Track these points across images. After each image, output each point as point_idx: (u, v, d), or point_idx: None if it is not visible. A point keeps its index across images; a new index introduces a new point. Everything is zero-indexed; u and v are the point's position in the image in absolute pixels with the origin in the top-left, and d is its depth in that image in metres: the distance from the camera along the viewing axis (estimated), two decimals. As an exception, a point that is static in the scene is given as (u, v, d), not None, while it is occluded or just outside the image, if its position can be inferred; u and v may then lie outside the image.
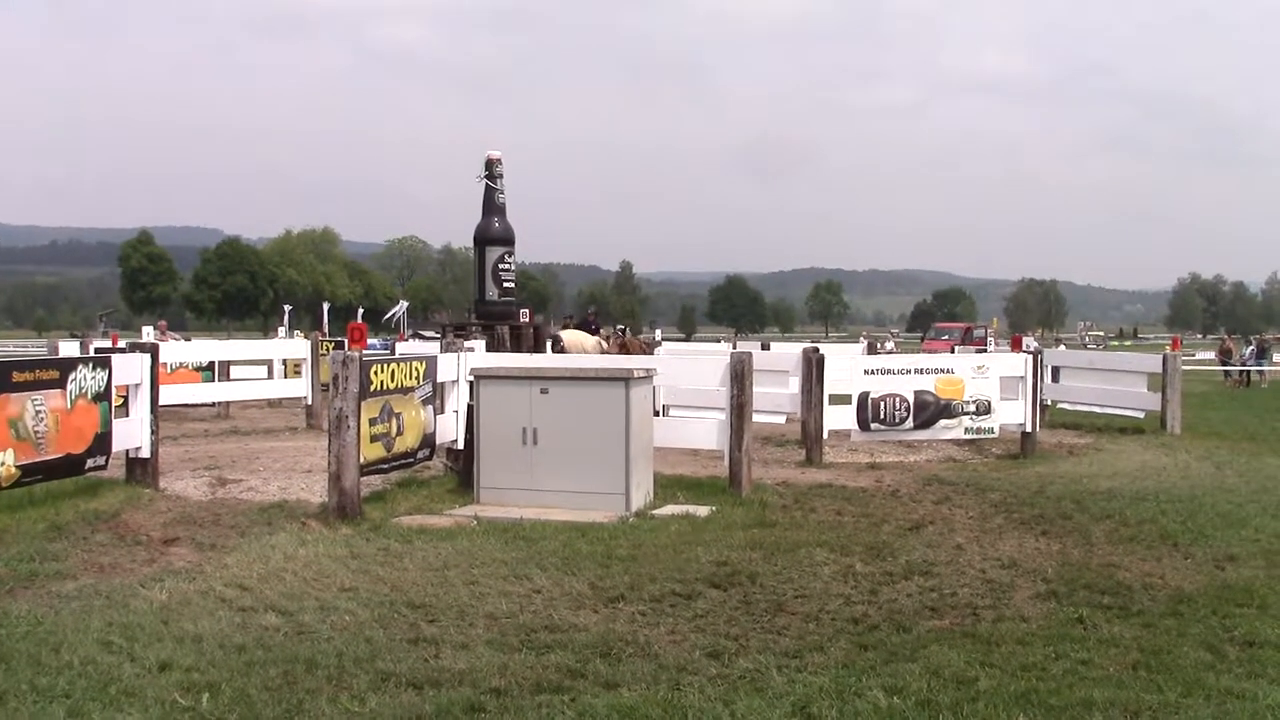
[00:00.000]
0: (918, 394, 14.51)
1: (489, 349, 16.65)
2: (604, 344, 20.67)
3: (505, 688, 5.39)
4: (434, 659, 5.85)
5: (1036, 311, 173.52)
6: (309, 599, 7.02)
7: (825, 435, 14.35)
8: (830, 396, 14.48)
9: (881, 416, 14.46)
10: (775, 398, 15.55)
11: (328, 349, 19.14)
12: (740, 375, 11.25)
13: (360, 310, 54.50)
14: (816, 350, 15.18)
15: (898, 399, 14.48)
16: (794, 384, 15.24)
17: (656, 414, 12.73)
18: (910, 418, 14.49)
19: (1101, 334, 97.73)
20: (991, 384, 14.76)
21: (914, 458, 14.83)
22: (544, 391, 10.43)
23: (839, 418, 14.55)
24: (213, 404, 20.90)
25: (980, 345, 45.69)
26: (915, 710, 5.15)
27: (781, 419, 16.66)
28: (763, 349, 22.61)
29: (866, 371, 14.79)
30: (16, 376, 9.20)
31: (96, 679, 5.47)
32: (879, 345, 31.80)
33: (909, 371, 14.83)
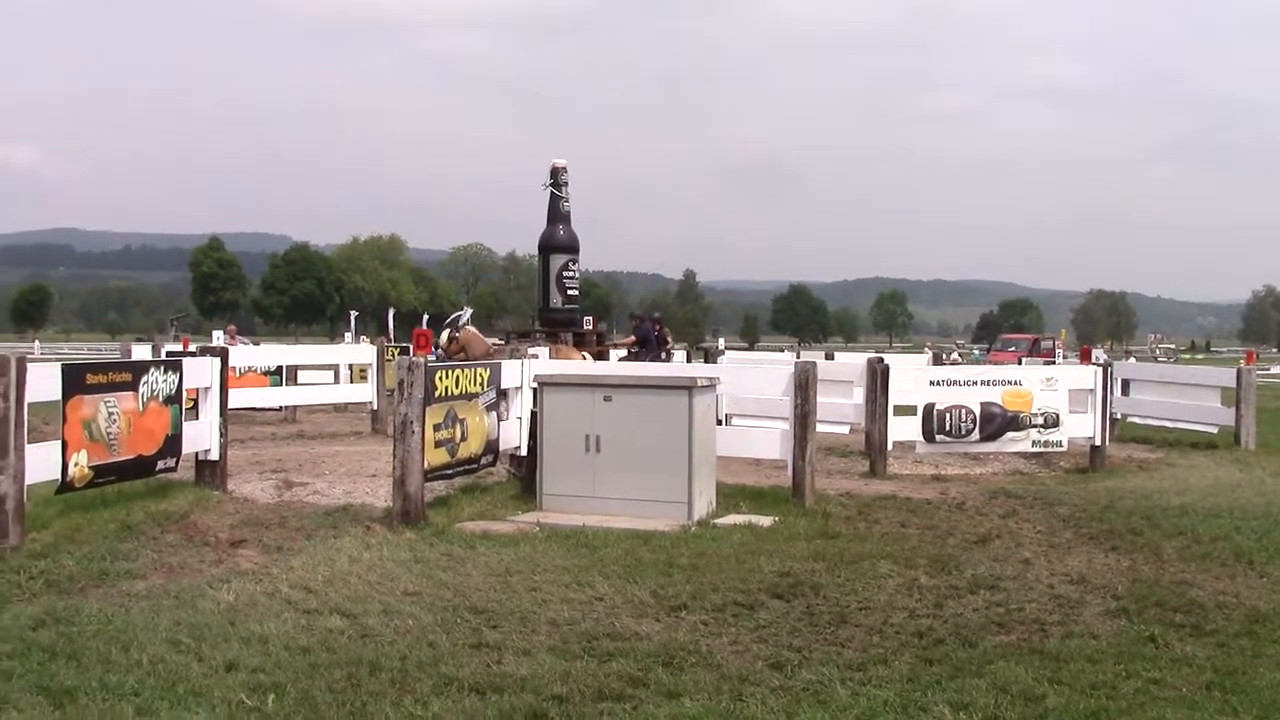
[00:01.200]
0: (985, 406, 14.33)
1: (553, 356, 16.68)
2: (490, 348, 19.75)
3: (567, 695, 5.39)
4: (496, 664, 5.86)
5: (1105, 323, 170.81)
6: (373, 602, 7.07)
7: (889, 446, 14.22)
8: (895, 407, 14.35)
9: (947, 428, 14.30)
10: (839, 408, 15.44)
11: (393, 354, 19.31)
12: (804, 385, 11.18)
13: (425, 316, 54.88)
14: (881, 360, 15.06)
15: (964, 410, 14.31)
16: (858, 394, 15.12)
17: (719, 423, 12.69)
18: (976, 430, 14.31)
19: (1172, 346, 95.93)
20: (1060, 396, 14.54)
21: (980, 470, 14.65)
22: (607, 399, 10.44)
23: (904, 429, 14.41)
24: (280, 408, 21.17)
25: (1048, 357, 45.05)
26: (982, 726, 5.07)
27: (845, 429, 16.54)
28: (826, 359, 22.48)
29: (932, 382, 14.62)
30: (90, 379, 9.37)
31: (165, 678, 5.54)
32: (945, 356, 31.47)
33: (976, 383, 14.66)
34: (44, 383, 8.91)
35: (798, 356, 21.83)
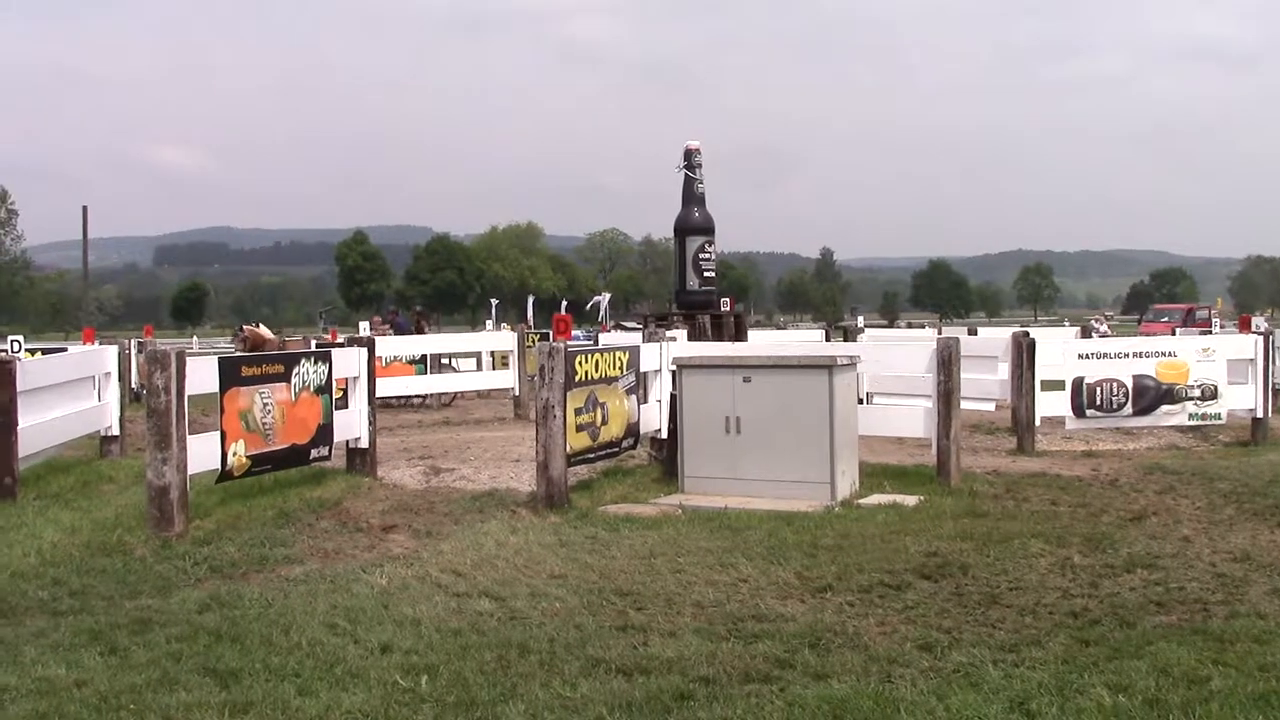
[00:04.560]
0: (1137, 379, 13.88)
1: (691, 338, 16.71)
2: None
3: (714, 676, 5.38)
4: (643, 646, 5.89)
5: (1266, 290, 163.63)
6: (520, 585, 7.17)
7: (1037, 422, 13.88)
8: (1042, 382, 14.00)
9: (1098, 402, 13.89)
10: (983, 384, 15.11)
11: (533, 341, 19.57)
12: (947, 361, 10.97)
13: (564, 302, 55.45)
14: (1027, 334, 14.70)
15: (1115, 384, 13.88)
16: (1003, 370, 14.79)
17: (860, 402, 12.53)
18: (1129, 403, 13.87)
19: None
20: (1218, 367, 14.00)
21: (1133, 445, 14.19)
22: (747, 380, 10.40)
23: (1052, 404, 14.05)
24: (424, 396, 21.64)
25: (1204, 327, 43.37)
26: (1142, 709, 4.90)
27: (990, 406, 16.19)
28: (969, 334, 22.03)
29: (1081, 356, 14.22)
30: (245, 371, 9.71)
31: (323, 659, 5.71)
32: (1092, 329, 30.53)
33: (1127, 355, 14.20)
34: (202, 376, 9.27)
35: (939, 333, 21.41)
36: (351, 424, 11.33)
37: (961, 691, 5.13)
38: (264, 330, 20.37)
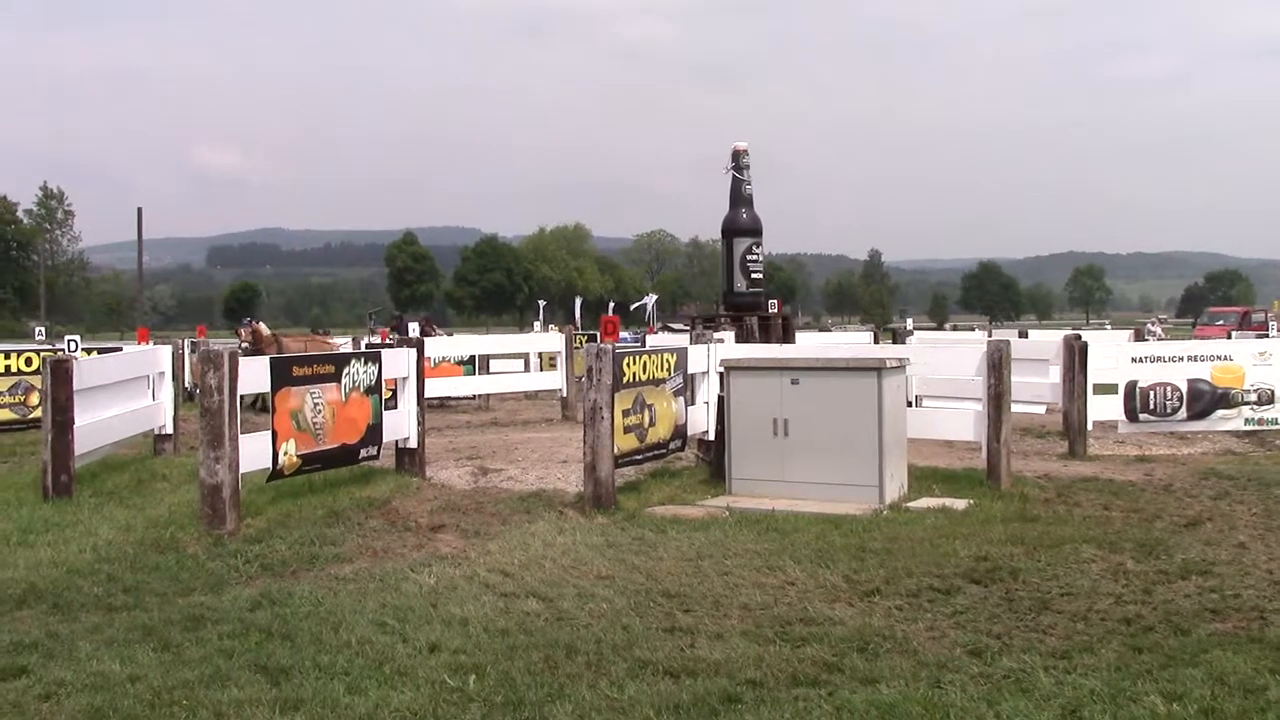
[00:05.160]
0: (1192, 383, 13.69)
1: (738, 340, 16.67)
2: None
3: (761, 679, 5.37)
4: (690, 648, 5.88)
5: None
6: (567, 586, 7.19)
7: (1089, 426, 13.73)
8: (1094, 386, 13.84)
9: (1151, 406, 13.72)
10: (1034, 387, 14.96)
11: (581, 342, 19.60)
12: (998, 364, 10.87)
13: (611, 304, 55.49)
14: (1079, 337, 14.53)
15: (1169, 388, 13.70)
16: (1054, 373, 14.64)
17: (909, 404, 12.45)
18: (1183, 408, 13.69)
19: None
20: (1275, 371, 13.78)
21: (1188, 450, 13.99)
22: (794, 382, 10.36)
23: (1104, 408, 13.90)
24: (473, 396, 21.74)
25: (1260, 330, 42.67)
26: (1197, 718, 4.83)
27: (1041, 409, 16.03)
28: (1020, 337, 21.83)
29: (1134, 359, 14.05)
30: (296, 371, 9.80)
31: (372, 658, 5.75)
32: (1149, 333, 30.13)
33: (1182, 359, 14.00)
34: (254, 376, 9.36)
35: (989, 335, 21.24)
36: (401, 424, 11.40)
37: (1012, 698, 5.08)
38: (263, 328, 21.21)
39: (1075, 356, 13.75)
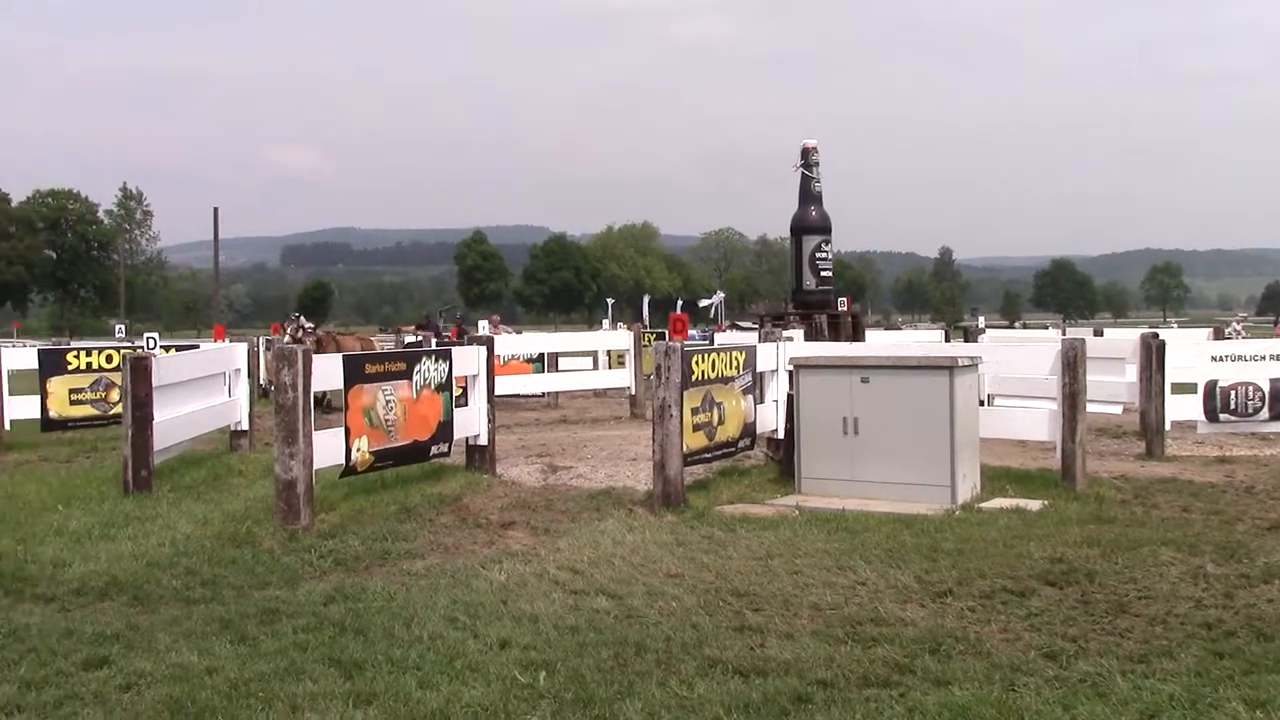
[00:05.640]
0: (1274, 382, 13.38)
1: (807, 338, 16.58)
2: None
3: (832, 680, 5.33)
4: (759, 648, 5.86)
5: None
6: (637, 584, 7.19)
7: (1167, 426, 13.47)
8: (1172, 385, 13.59)
9: (1232, 406, 13.42)
10: (1110, 386, 14.71)
11: (649, 340, 19.61)
12: (1073, 362, 10.70)
13: (680, 302, 55.46)
14: (1156, 336, 14.28)
15: (1251, 387, 13.40)
16: (1130, 372, 14.39)
17: (981, 403, 12.30)
18: (1265, 407, 13.38)
19: None
20: (1361, 370, 13.41)
21: (1270, 451, 13.67)
22: (865, 381, 10.28)
23: (1182, 408, 13.63)
24: (542, 394, 21.84)
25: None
26: (1281, 726, 4.72)
27: (1117, 409, 15.76)
28: (1095, 335, 21.47)
29: (1214, 358, 13.75)
30: (369, 369, 9.91)
31: (444, 653, 5.79)
32: (1235, 332, 29.50)
33: (1264, 358, 13.69)
34: (328, 373, 9.48)
35: (1063, 334, 20.92)
36: (471, 421, 11.49)
37: (1088, 702, 4.99)
38: (303, 322, 22.52)
39: (1152, 355, 13.51)
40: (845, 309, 21.58)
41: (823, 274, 20.26)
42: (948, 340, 23.70)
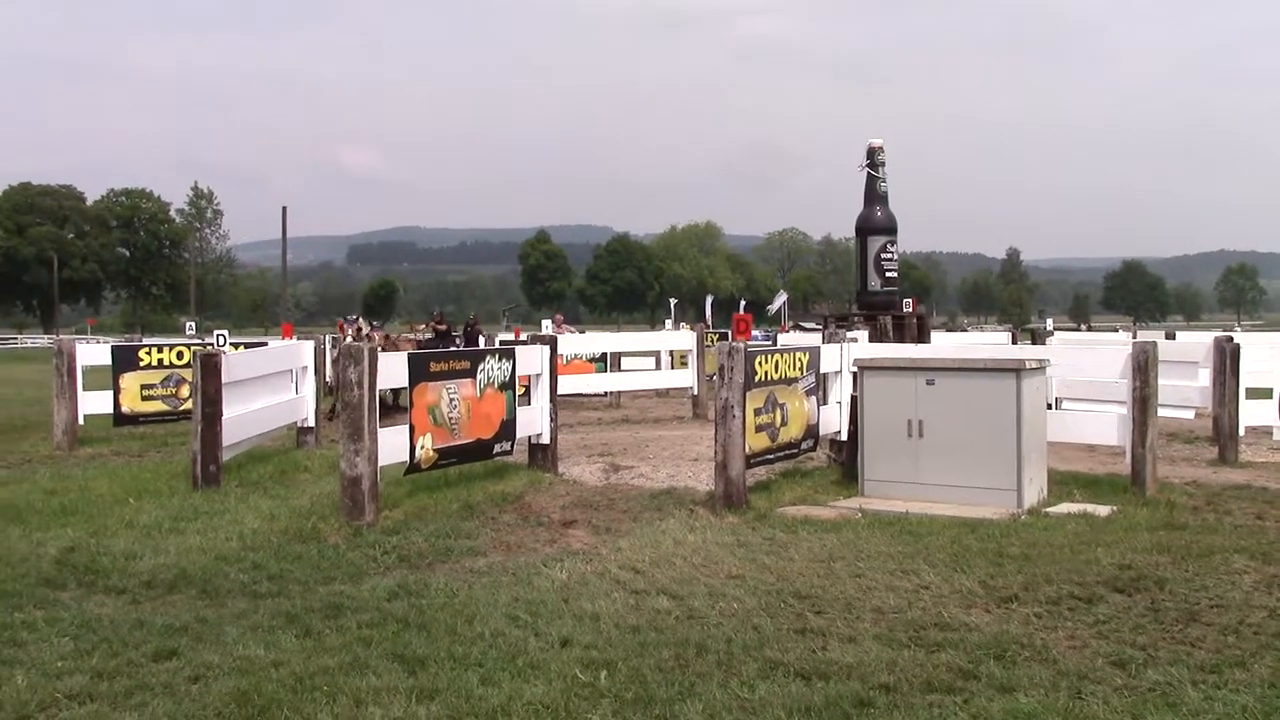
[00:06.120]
0: (1352, 387, 13.06)
1: (872, 340, 16.46)
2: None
3: (894, 684, 5.28)
4: (821, 651, 5.82)
5: None
6: (698, 584, 7.18)
7: (1241, 432, 13.20)
8: (1246, 390, 13.32)
9: (1308, 412, 13.12)
10: (1182, 391, 14.45)
11: (712, 340, 19.57)
12: (1143, 366, 10.52)
13: (743, 302, 55.31)
14: (1230, 339, 13.99)
15: (1328, 393, 13.09)
16: (1203, 376, 14.12)
17: (1049, 407, 12.13)
18: (1343, 414, 13.07)
19: None
20: None
21: (1348, 458, 13.36)
22: (930, 383, 10.18)
23: (1257, 413, 13.38)
24: (604, 393, 21.88)
25: None
26: (1358, 740, 4.61)
27: (1189, 414, 15.47)
28: (1167, 338, 21.10)
29: (1290, 362, 13.47)
30: (433, 367, 9.98)
31: (505, 650, 5.82)
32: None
33: (1342, 362, 13.38)
34: (393, 371, 9.56)
35: (1134, 336, 20.58)
36: (534, 420, 11.53)
37: (1158, 712, 4.90)
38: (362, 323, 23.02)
39: (1226, 359, 13.25)
40: (910, 310, 21.40)
41: (888, 275, 20.08)
42: (1014, 342, 23.41)
